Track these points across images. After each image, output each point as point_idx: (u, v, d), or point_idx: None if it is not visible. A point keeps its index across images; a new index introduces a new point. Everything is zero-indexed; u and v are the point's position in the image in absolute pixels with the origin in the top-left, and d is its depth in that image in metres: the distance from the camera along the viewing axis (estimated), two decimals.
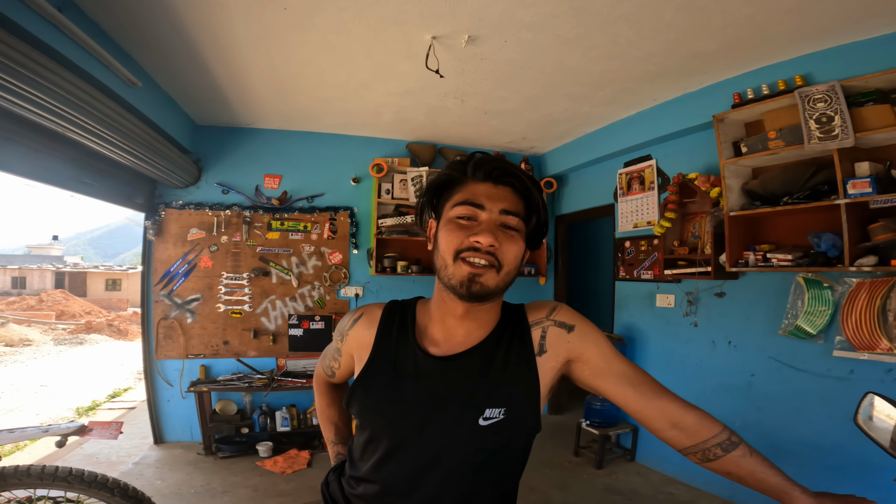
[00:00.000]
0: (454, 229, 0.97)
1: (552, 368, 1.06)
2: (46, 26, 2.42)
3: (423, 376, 1.02)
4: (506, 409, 0.99)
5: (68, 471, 1.94)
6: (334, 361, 1.28)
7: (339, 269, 5.05)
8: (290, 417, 4.65)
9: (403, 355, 1.06)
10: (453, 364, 1.03)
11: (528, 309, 1.11)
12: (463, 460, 0.99)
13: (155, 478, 3.89)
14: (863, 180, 2.63)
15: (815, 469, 3.01)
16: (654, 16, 2.70)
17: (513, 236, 0.98)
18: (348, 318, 1.20)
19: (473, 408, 0.99)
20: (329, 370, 1.32)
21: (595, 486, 3.91)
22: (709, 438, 1.00)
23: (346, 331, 1.18)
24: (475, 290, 0.95)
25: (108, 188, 3.93)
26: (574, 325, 1.07)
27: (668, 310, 4.16)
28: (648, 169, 4.32)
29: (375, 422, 1.04)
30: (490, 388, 1.01)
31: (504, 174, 1.00)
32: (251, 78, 3.71)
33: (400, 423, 1.01)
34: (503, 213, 0.97)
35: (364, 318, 1.14)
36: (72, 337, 15.87)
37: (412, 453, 1.00)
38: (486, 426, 0.98)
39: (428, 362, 1.03)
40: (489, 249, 0.94)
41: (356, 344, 1.14)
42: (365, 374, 1.08)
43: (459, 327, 1.05)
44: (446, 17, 2.77)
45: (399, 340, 1.08)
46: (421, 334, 1.08)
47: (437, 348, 1.05)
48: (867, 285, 2.75)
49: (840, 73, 2.83)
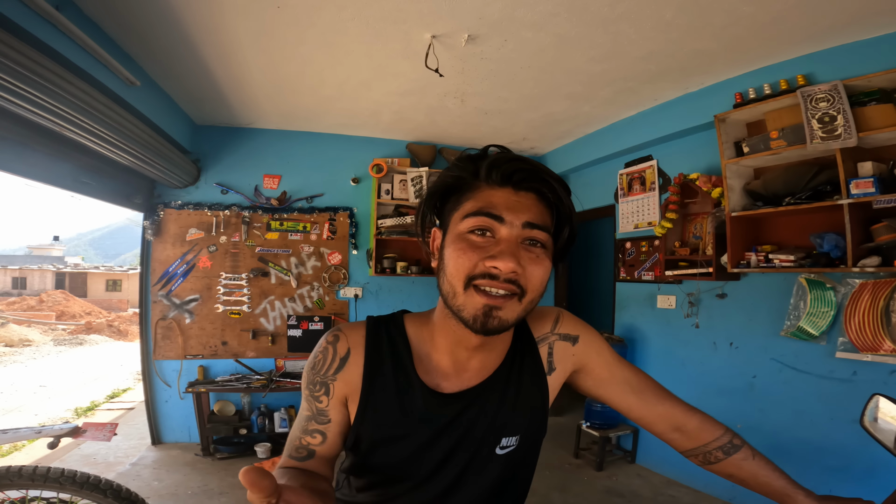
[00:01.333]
0: (465, 249, 0.77)
1: (559, 383, 1.01)
2: (45, 25, 2.41)
3: (436, 417, 0.88)
4: (520, 437, 0.93)
5: (60, 472, 1.93)
6: (314, 436, 0.90)
7: (338, 269, 5.03)
8: (288, 418, 4.64)
9: (407, 394, 0.88)
10: (469, 400, 0.89)
11: (532, 324, 0.99)
12: (479, 489, 0.92)
13: (152, 478, 3.87)
14: (866, 180, 2.61)
15: (818, 471, 2.99)
16: (654, 15, 2.68)
17: (538, 256, 0.78)
18: (327, 358, 0.90)
19: (492, 439, 0.91)
20: (303, 451, 0.89)
21: (595, 488, 3.89)
22: (710, 441, 0.98)
23: (333, 377, 0.89)
24: (492, 325, 0.76)
25: (106, 188, 3.92)
26: (578, 336, 1.01)
27: (669, 311, 4.14)
28: (649, 169, 4.30)
29: (385, 469, 0.90)
30: (506, 418, 0.92)
31: (527, 177, 0.79)
32: (250, 77, 3.69)
33: (415, 466, 0.89)
34: (527, 227, 0.78)
35: (352, 353, 0.90)
36: (71, 337, 15.89)
37: (427, 489, 0.90)
38: (502, 455, 0.92)
39: (439, 401, 0.88)
40: (510, 276, 0.75)
41: (348, 386, 0.89)
42: (363, 417, 0.88)
43: (472, 358, 0.89)
44: (446, 16, 2.75)
45: (397, 375, 0.89)
46: (423, 366, 0.90)
47: (447, 383, 0.90)
48: (870, 286, 2.72)
49: (842, 73, 2.81)
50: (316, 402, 0.90)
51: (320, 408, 0.89)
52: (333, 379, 0.89)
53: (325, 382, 0.89)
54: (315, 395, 0.90)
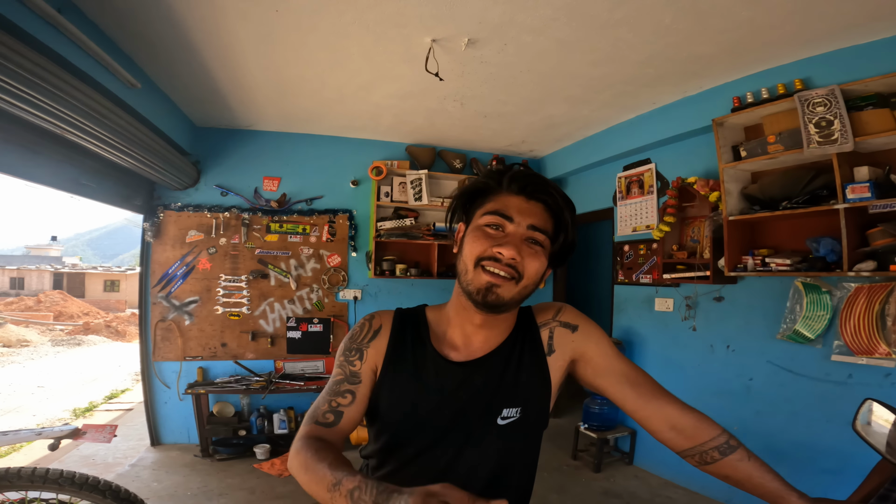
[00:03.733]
0: (480, 237, 0.98)
1: (560, 367, 1.11)
2: (46, 27, 2.42)
3: (445, 381, 1.05)
4: (521, 409, 1.04)
5: (59, 473, 1.93)
6: (344, 396, 1.05)
7: (337, 271, 5.04)
8: (287, 420, 4.64)
9: (422, 361, 1.07)
10: (474, 369, 1.06)
11: (536, 311, 1.16)
12: (483, 460, 1.03)
13: (151, 480, 3.87)
14: (862, 185, 2.63)
15: (813, 473, 3.00)
16: (653, 19, 2.71)
17: (536, 252, 0.99)
18: (363, 330, 1.11)
19: (493, 407, 1.03)
20: (330, 416, 1.02)
21: (593, 490, 3.90)
22: (706, 441, 1.01)
23: (367, 343, 1.09)
24: (490, 299, 0.96)
25: (106, 190, 3.92)
26: (578, 325, 1.12)
27: (666, 314, 4.16)
28: (648, 173, 4.32)
29: (399, 427, 1.04)
30: (507, 389, 1.05)
31: (538, 190, 1.00)
32: (251, 80, 3.71)
33: (424, 427, 1.03)
34: (530, 229, 0.98)
35: (382, 328, 1.11)
36: (69, 338, 15.84)
37: (434, 456, 1.03)
38: (504, 425, 1.03)
39: (449, 367, 1.06)
40: (510, 262, 0.95)
41: (377, 355, 1.09)
42: (383, 382, 1.06)
43: (477, 334, 1.07)
44: (446, 20, 2.77)
45: (416, 346, 1.08)
46: (438, 340, 1.10)
47: (456, 353, 1.07)
48: (866, 290, 2.74)
49: (840, 77, 2.83)
50: (350, 365, 1.08)
51: (353, 370, 1.07)
52: (367, 346, 1.09)
53: (360, 349, 1.09)
54: (350, 360, 1.08)
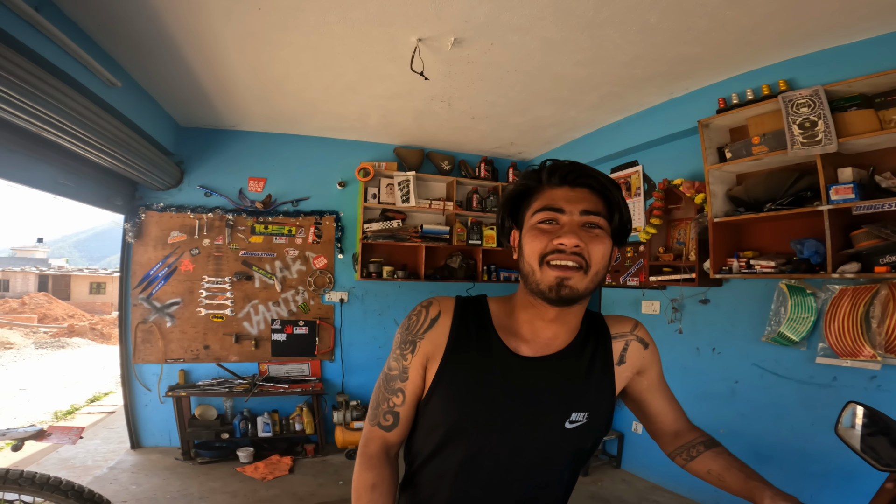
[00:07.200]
0: (537, 235, 0.96)
1: (625, 379, 1.12)
2: (23, 25, 2.37)
3: (512, 375, 1.01)
4: (589, 414, 1.02)
5: (19, 473, 1.90)
6: (397, 395, 1.04)
7: (323, 273, 4.99)
8: (272, 423, 4.58)
9: (487, 352, 1.02)
10: (544, 365, 1.02)
11: (609, 321, 1.14)
12: (544, 461, 1.02)
13: (130, 483, 3.80)
14: (846, 186, 2.63)
15: (798, 476, 3.00)
16: (639, 18, 2.70)
17: (598, 235, 0.95)
18: (420, 319, 1.06)
19: (562, 410, 1.01)
20: (389, 417, 1.05)
21: (580, 494, 3.87)
22: (694, 438, 1.14)
23: (422, 335, 1.04)
24: (564, 293, 0.93)
25: (85, 190, 3.85)
26: (649, 344, 1.15)
27: (653, 316, 4.15)
28: (635, 175, 4.32)
29: (460, 418, 1.00)
30: (578, 393, 1.03)
31: (579, 175, 0.98)
32: (235, 79, 3.66)
33: (489, 421, 0.99)
34: (584, 214, 0.95)
35: (441, 315, 1.05)
36: (53, 340, 15.64)
37: (495, 452, 1.00)
38: (571, 429, 1.01)
39: (517, 361, 1.02)
40: (574, 250, 0.92)
41: (433, 345, 1.04)
42: (444, 370, 1.01)
43: (547, 329, 1.03)
44: (432, 18, 2.75)
45: (480, 337, 1.04)
46: (503, 331, 1.05)
47: (526, 347, 1.03)
48: (850, 292, 2.74)
49: (824, 78, 2.83)
50: (402, 360, 1.05)
51: (405, 366, 1.04)
52: (421, 337, 1.04)
53: (413, 341, 1.04)
54: (403, 354, 1.05)
